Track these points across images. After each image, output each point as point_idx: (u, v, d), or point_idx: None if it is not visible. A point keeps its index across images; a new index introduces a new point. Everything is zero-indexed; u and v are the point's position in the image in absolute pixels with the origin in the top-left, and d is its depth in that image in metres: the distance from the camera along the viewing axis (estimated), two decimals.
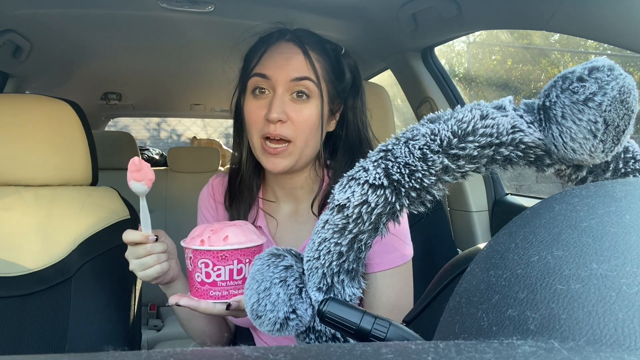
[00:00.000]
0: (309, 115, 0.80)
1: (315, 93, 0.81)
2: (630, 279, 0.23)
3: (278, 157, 0.80)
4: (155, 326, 2.12)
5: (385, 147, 0.41)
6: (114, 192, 1.12)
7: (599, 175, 0.43)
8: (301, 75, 0.80)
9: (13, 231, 1.00)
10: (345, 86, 0.87)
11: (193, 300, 0.70)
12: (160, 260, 0.76)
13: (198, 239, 0.69)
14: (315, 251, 0.43)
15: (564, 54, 5.82)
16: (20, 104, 1.03)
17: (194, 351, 0.21)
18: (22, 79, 1.67)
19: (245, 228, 0.72)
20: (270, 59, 0.82)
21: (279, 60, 0.81)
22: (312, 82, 0.80)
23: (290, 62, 0.80)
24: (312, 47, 0.83)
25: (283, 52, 0.82)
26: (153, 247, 0.75)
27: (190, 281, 0.72)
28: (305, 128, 0.80)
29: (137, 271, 0.75)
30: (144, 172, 0.74)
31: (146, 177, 0.74)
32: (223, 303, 0.69)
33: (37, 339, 0.96)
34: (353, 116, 0.88)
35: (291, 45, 0.83)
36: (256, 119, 0.81)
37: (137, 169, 0.73)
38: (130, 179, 0.73)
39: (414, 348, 0.21)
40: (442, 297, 0.55)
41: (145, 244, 0.74)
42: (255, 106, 0.81)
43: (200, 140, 4.20)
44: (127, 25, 1.40)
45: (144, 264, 0.75)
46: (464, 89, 5.79)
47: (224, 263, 0.68)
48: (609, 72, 0.36)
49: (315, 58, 0.82)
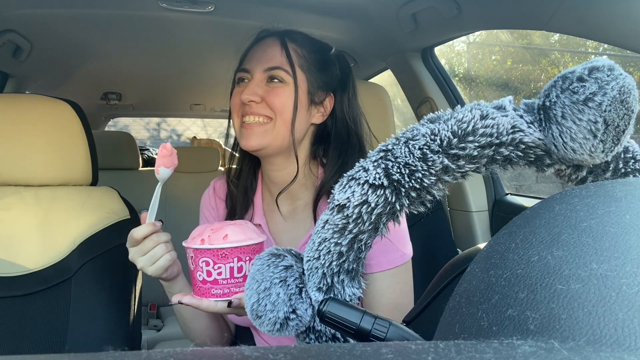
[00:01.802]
0: (283, 98, 0.83)
1: (289, 80, 0.84)
2: (630, 279, 0.23)
3: (253, 134, 0.83)
4: (155, 326, 2.12)
5: (385, 147, 0.41)
6: (114, 192, 1.12)
7: (599, 175, 0.43)
8: (274, 65, 0.84)
9: (13, 231, 1.00)
10: (330, 78, 0.89)
11: (195, 299, 0.71)
12: (169, 248, 0.77)
13: (198, 239, 0.70)
14: (315, 251, 0.43)
15: (564, 54, 5.82)
16: (20, 104, 1.03)
17: (194, 351, 0.21)
18: (22, 79, 1.67)
19: (244, 226, 0.72)
20: (251, 54, 0.88)
21: (257, 53, 0.87)
22: (284, 71, 0.84)
23: (265, 53, 0.86)
24: (295, 41, 0.87)
25: (262, 46, 0.87)
26: (159, 237, 0.76)
27: (193, 280, 0.73)
28: (280, 108, 0.83)
29: (147, 267, 0.75)
30: (172, 158, 0.76)
31: (173, 163, 0.77)
32: (224, 301, 0.70)
33: (37, 339, 0.96)
34: (341, 111, 0.90)
35: (272, 40, 0.87)
36: (235, 102, 0.87)
37: (169, 153, 0.76)
38: (160, 165, 0.75)
39: (414, 348, 0.21)
40: (442, 297, 0.55)
41: (151, 235, 0.75)
42: (236, 93, 0.87)
43: (200, 140, 4.20)
44: (127, 25, 1.40)
45: (153, 256, 0.75)
46: (464, 89, 5.79)
47: (224, 261, 0.68)
48: (609, 72, 0.36)
49: (294, 49, 0.86)
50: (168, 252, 0.76)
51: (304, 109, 0.85)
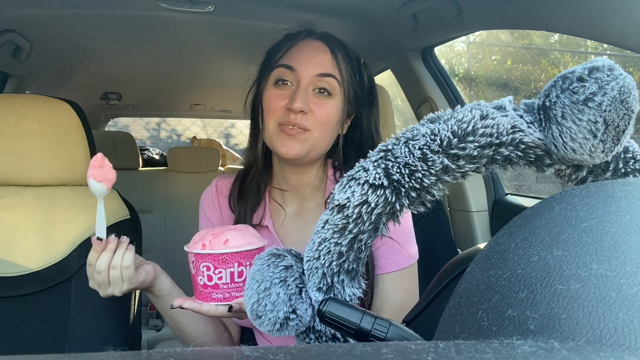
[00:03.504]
0: (329, 111, 0.81)
1: (337, 91, 0.82)
2: (630, 279, 0.23)
3: (293, 140, 0.79)
4: (155, 326, 2.12)
5: (385, 147, 0.41)
6: (114, 192, 1.12)
7: (599, 175, 0.43)
8: (327, 72, 0.80)
9: (13, 231, 1.00)
10: (363, 93, 0.88)
11: (196, 303, 0.71)
12: (125, 263, 0.73)
13: (200, 243, 0.71)
14: (315, 251, 0.43)
15: (564, 54, 5.82)
16: (20, 104, 1.03)
17: (194, 351, 0.21)
18: (22, 79, 1.67)
19: (245, 231, 0.73)
20: (297, 53, 0.83)
21: (306, 55, 0.82)
22: (336, 80, 0.81)
23: (317, 57, 0.81)
24: (338, 48, 0.84)
25: (310, 47, 0.83)
26: (104, 260, 0.72)
27: (194, 284, 0.73)
28: (325, 122, 0.80)
29: (115, 291, 0.73)
30: (105, 171, 0.70)
31: (106, 177, 0.70)
32: (225, 305, 0.70)
33: (37, 339, 0.96)
34: (367, 123, 0.89)
35: (319, 43, 0.84)
36: (275, 106, 0.80)
37: (99, 165, 0.70)
38: (89, 176, 0.70)
39: (414, 348, 0.21)
40: (442, 297, 0.55)
41: (101, 259, 0.72)
42: (276, 94, 0.81)
43: (200, 140, 4.19)
44: (127, 25, 1.40)
45: (115, 282, 0.73)
46: (464, 89, 5.79)
47: (224, 266, 0.69)
48: (609, 72, 0.36)
49: (340, 59, 0.83)
50: (124, 268, 0.73)
51: (343, 121, 0.84)
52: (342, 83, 0.82)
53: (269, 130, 0.82)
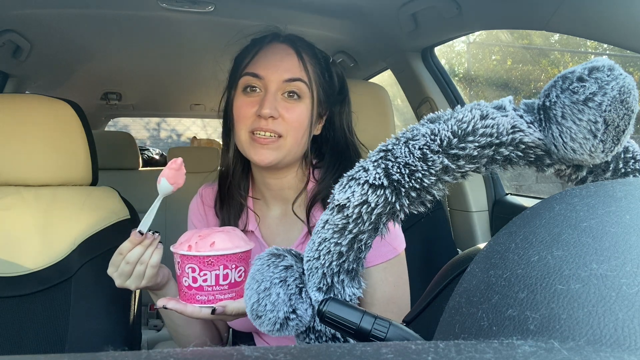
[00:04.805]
0: (300, 114, 0.81)
1: (306, 94, 0.82)
2: (630, 279, 0.23)
3: (266, 148, 0.79)
4: (155, 326, 2.12)
5: (385, 147, 0.41)
6: (114, 192, 1.12)
7: (599, 175, 0.43)
8: (294, 77, 0.80)
9: (13, 231, 1.00)
10: (333, 92, 0.88)
11: (180, 304, 0.71)
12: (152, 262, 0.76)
13: (186, 244, 0.70)
14: (315, 251, 0.43)
15: (564, 54, 5.82)
16: (20, 104, 1.03)
17: (194, 351, 0.21)
18: (22, 79, 1.67)
19: (232, 234, 0.72)
20: (263, 59, 0.82)
21: (273, 61, 0.82)
22: (304, 84, 0.81)
23: (283, 62, 0.81)
24: (305, 50, 0.84)
25: (276, 52, 0.83)
26: (136, 253, 0.74)
27: (179, 285, 0.73)
28: (296, 126, 0.80)
29: (131, 285, 0.76)
30: (179, 175, 0.73)
31: (177, 181, 0.73)
32: (209, 307, 0.69)
33: (37, 339, 0.96)
34: (340, 121, 0.89)
35: (285, 47, 0.83)
36: (246, 114, 0.81)
37: (177, 168, 0.73)
38: (164, 175, 0.73)
39: (414, 348, 0.21)
40: (442, 297, 0.55)
41: (133, 251, 0.74)
42: (245, 102, 0.82)
43: (200, 140, 4.20)
44: (127, 25, 1.40)
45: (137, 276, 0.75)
46: (464, 89, 5.78)
47: (209, 268, 0.69)
48: (609, 72, 0.36)
49: (308, 61, 0.83)
50: (150, 266, 0.75)
51: (314, 123, 0.84)
52: (311, 85, 0.82)
53: (241, 138, 0.82)
